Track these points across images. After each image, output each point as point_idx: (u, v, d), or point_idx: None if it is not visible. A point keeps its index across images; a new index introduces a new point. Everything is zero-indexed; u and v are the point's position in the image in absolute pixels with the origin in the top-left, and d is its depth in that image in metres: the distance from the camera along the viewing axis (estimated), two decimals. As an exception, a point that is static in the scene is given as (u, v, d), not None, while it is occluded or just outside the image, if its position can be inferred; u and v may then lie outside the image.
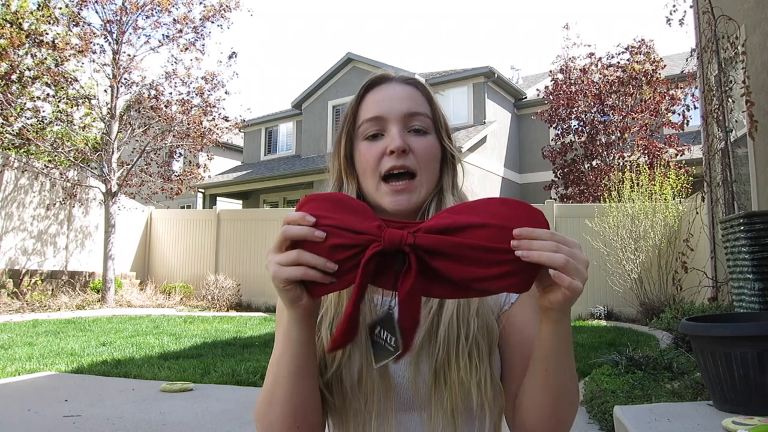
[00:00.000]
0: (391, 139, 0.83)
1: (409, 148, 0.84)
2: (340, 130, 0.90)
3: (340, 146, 0.89)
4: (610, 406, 3.20)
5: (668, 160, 11.28)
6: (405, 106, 0.85)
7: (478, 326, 0.80)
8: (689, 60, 6.28)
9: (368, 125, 0.86)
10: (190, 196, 19.96)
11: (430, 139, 0.87)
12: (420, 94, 0.89)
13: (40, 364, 5.23)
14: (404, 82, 0.90)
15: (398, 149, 0.82)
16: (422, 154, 0.85)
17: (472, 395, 0.77)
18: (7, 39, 9.98)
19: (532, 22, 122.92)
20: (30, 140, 10.59)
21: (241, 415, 3.72)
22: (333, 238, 0.64)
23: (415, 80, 0.90)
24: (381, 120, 0.85)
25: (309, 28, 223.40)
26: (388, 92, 0.87)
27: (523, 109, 17.09)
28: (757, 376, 2.08)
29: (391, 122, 0.85)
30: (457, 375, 0.77)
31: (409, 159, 0.83)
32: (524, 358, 0.80)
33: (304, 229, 0.63)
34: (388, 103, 0.86)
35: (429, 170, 0.86)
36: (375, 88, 0.89)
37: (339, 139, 0.90)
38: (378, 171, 0.84)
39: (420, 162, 0.84)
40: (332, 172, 0.91)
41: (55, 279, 10.61)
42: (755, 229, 3.13)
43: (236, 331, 7.47)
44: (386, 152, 0.83)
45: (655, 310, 7.49)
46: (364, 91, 0.89)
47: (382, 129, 0.85)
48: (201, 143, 12.02)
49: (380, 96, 0.87)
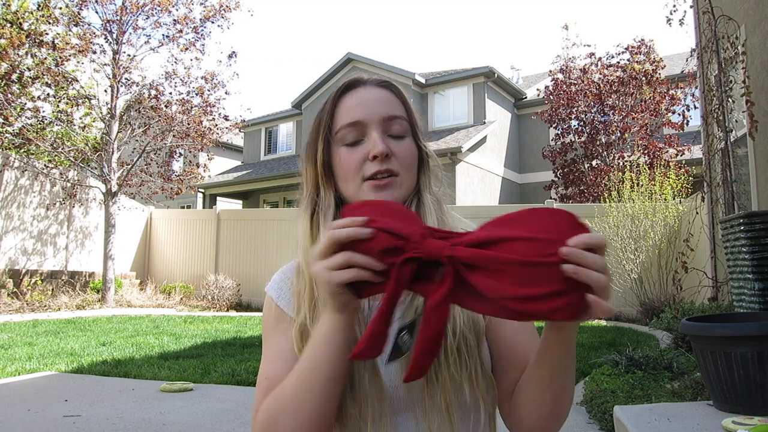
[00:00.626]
0: (373, 144, 0.83)
1: (391, 152, 0.84)
2: (315, 135, 0.89)
3: (316, 152, 0.88)
4: (610, 406, 3.20)
5: (668, 160, 11.27)
6: (383, 109, 0.85)
7: (464, 321, 0.80)
8: (689, 60, 6.28)
9: (347, 131, 0.85)
10: (190, 196, 19.97)
11: (408, 142, 0.87)
12: (395, 97, 0.89)
13: (40, 364, 5.23)
14: (379, 85, 0.89)
15: (381, 154, 0.82)
16: (403, 158, 0.85)
17: (465, 390, 0.78)
18: (8, 39, 9.98)
19: (532, 22, 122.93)
20: (30, 140, 10.60)
21: (241, 415, 3.72)
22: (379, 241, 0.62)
23: (388, 83, 0.90)
24: (360, 125, 0.85)
25: (309, 28, 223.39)
26: (365, 96, 0.87)
27: (523, 109, 17.09)
28: (757, 376, 2.08)
29: (371, 126, 0.84)
30: (448, 371, 0.77)
31: (392, 163, 0.84)
32: (514, 351, 0.81)
33: (352, 230, 0.62)
34: (366, 107, 0.85)
35: (409, 172, 0.87)
36: (350, 92, 0.88)
37: (315, 144, 0.88)
38: (361, 175, 0.84)
39: (402, 165, 0.85)
40: (307, 179, 0.90)
41: (55, 279, 10.61)
42: (755, 229, 3.13)
43: (236, 331, 7.47)
44: (368, 157, 0.83)
45: (655, 310, 7.49)
46: (339, 95, 0.88)
47: (362, 134, 0.85)
48: (201, 143, 12.02)
49: (357, 100, 0.86)
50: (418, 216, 0.67)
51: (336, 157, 0.86)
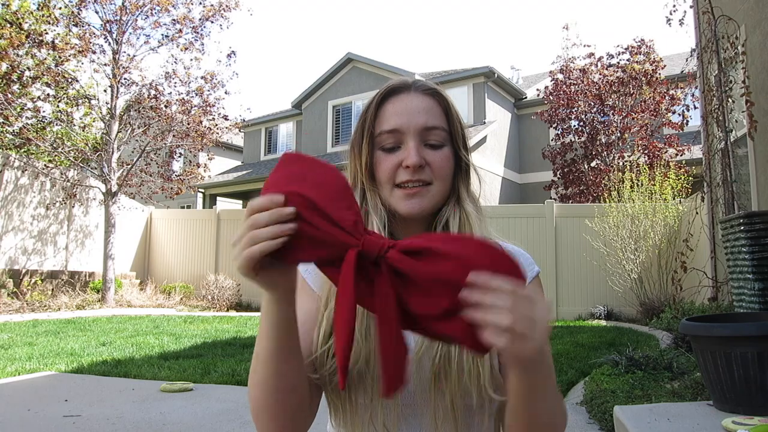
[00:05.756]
0: (407, 153, 0.84)
1: (425, 162, 0.85)
2: (360, 137, 0.89)
3: (361, 155, 0.89)
4: (610, 406, 3.20)
5: (668, 160, 11.27)
6: (422, 120, 0.86)
7: None
8: (689, 60, 6.28)
9: (386, 136, 0.87)
10: (190, 196, 19.96)
11: (446, 151, 0.88)
12: (437, 106, 0.89)
13: (40, 364, 5.23)
14: (423, 92, 0.89)
15: (414, 165, 0.83)
16: (437, 168, 0.86)
17: (472, 394, 0.79)
18: (8, 39, 9.98)
19: (532, 22, 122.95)
20: (30, 140, 10.60)
21: (241, 415, 3.72)
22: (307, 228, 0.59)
23: (433, 90, 0.90)
24: (398, 133, 0.86)
25: (309, 28, 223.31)
26: (407, 104, 0.87)
27: (523, 109, 17.09)
28: (757, 376, 2.08)
29: (408, 135, 0.85)
30: (457, 374, 0.78)
31: (425, 173, 0.85)
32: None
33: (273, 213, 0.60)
34: (406, 116, 0.86)
35: (443, 181, 0.87)
36: (393, 97, 0.89)
37: (360, 146, 0.89)
38: (393, 181, 0.86)
39: (435, 175, 0.86)
40: (353, 179, 0.91)
41: (55, 279, 10.61)
42: (755, 229, 3.13)
43: (236, 331, 7.47)
44: (402, 165, 0.85)
45: (655, 310, 7.49)
46: (381, 99, 0.89)
47: (399, 141, 0.86)
48: (201, 143, 12.02)
49: (399, 107, 0.87)
50: (349, 188, 0.64)
51: (376, 160, 0.88)
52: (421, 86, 0.90)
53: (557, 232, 9.65)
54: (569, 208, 10.09)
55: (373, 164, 0.88)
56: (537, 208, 9.94)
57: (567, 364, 5.00)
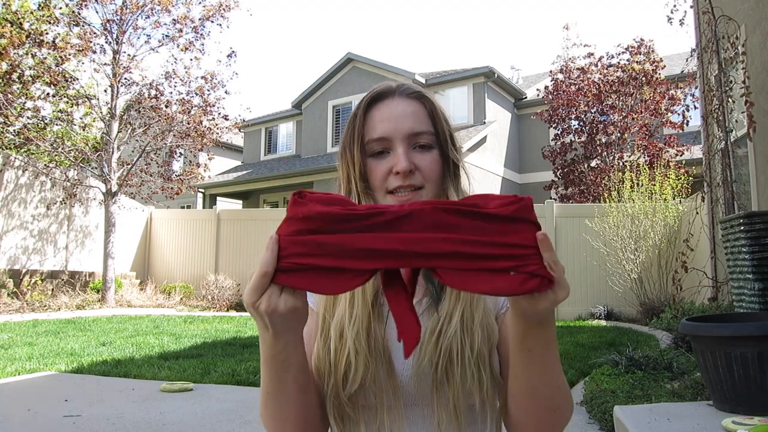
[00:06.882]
0: (397, 160, 0.85)
1: (414, 167, 0.85)
2: (351, 143, 0.89)
3: (354, 162, 0.88)
4: (610, 406, 3.20)
5: (668, 160, 11.27)
6: (408, 125, 0.86)
7: (482, 338, 0.82)
8: (689, 60, 6.29)
9: (375, 144, 0.87)
10: (190, 196, 19.96)
11: (434, 153, 0.88)
12: (423, 109, 0.89)
13: (40, 364, 5.23)
14: (407, 96, 0.89)
15: (404, 171, 0.84)
16: (427, 171, 0.87)
17: (474, 396, 0.80)
18: (8, 39, 9.98)
19: (532, 22, 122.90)
20: (30, 140, 10.60)
21: (241, 415, 3.72)
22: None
23: (417, 93, 0.90)
24: (386, 140, 0.87)
25: (309, 28, 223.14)
26: (392, 110, 0.88)
27: (523, 109, 17.09)
28: (757, 376, 2.08)
29: (396, 141, 0.86)
30: (461, 380, 0.79)
31: (415, 178, 0.85)
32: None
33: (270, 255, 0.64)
34: (393, 122, 0.86)
35: (434, 183, 0.88)
36: (379, 102, 0.89)
37: (351, 153, 0.89)
38: (384, 187, 0.86)
39: (426, 179, 0.86)
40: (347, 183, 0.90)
41: (55, 279, 10.61)
42: (755, 229, 3.13)
43: (236, 331, 7.47)
44: (392, 171, 0.85)
45: (655, 310, 7.49)
46: (367, 106, 0.89)
47: (388, 147, 0.87)
48: (201, 143, 12.03)
49: (385, 113, 0.88)
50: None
51: (367, 166, 0.88)
52: (405, 90, 0.90)
53: (557, 232, 9.65)
54: (569, 208, 10.09)
55: (366, 171, 0.88)
56: (537, 208, 9.92)
57: (567, 364, 5.00)
